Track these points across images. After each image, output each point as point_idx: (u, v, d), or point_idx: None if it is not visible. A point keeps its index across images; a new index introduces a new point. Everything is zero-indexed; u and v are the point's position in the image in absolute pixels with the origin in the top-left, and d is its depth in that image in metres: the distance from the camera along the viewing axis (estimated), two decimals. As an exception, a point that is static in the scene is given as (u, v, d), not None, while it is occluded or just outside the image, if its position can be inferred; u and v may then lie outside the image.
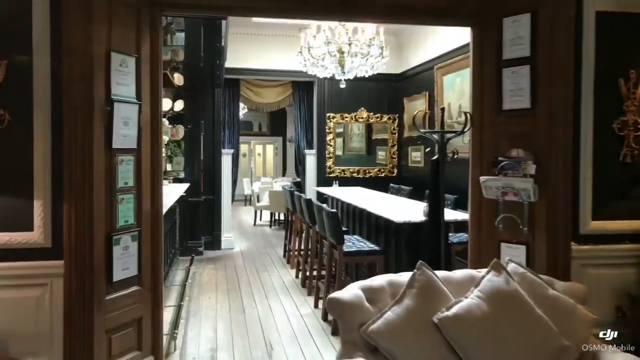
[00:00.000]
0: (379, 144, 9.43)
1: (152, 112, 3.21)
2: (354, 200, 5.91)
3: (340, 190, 7.41)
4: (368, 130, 9.39)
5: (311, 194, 8.64)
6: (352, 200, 5.93)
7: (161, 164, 3.30)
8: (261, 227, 10.93)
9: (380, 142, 9.37)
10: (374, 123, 8.95)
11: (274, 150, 17.69)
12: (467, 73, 6.31)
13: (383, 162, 9.28)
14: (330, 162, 8.65)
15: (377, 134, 9.42)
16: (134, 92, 3.05)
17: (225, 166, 8.32)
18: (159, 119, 3.27)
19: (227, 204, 8.33)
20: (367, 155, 9.58)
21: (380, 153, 9.50)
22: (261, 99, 8.78)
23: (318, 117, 8.59)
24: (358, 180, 8.67)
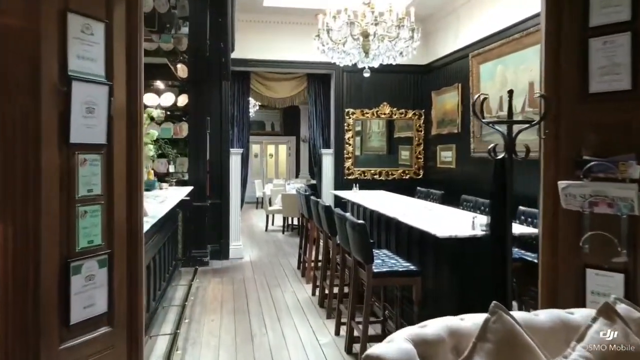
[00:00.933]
0: (401, 143, 8.61)
1: (129, 98, 2.44)
2: (380, 207, 5.11)
3: (361, 194, 6.60)
4: (389, 127, 8.58)
5: (328, 198, 7.85)
6: (378, 207, 5.12)
7: (141, 166, 2.52)
8: (273, 232, 10.17)
9: (403, 141, 8.55)
10: (397, 119, 8.13)
11: (287, 150, 16.94)
12: (510, 60, 5.49)
13: (407, 163, 8.45)
14: (349, 163, 7.85)
15: (399, 131, 8.61)
16: (103, 70, 2.28)
17: (234, 167, 7.57)
18: (138, 107, 2.49)
19: (235, 209, 7.57)
20: (387, 155, 8.77)
21: (404, 153, 8.68)
22: (273, 94, 8.02)
23: (336, 113, 7.80)
24: (380, 183, 7.86)
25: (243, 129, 7.84)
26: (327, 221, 4.82)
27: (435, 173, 7.67)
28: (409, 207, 5.16)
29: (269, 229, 10.41)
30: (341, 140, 7.81)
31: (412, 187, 7.66)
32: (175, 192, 5.72)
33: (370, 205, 5.35)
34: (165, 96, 7.28)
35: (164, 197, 5.15)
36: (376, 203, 5.51)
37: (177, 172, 7.25)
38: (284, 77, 8.07)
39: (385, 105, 7.91)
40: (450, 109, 7.10)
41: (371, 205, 5.34)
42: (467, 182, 6.50)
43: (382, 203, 5.53)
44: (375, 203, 5.52)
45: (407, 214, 4.43)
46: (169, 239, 5.41)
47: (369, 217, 5.87)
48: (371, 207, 5.14)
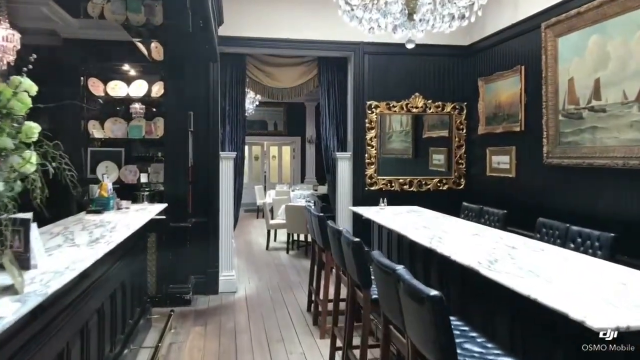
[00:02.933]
0: (433, 144, 6.94)
1: None
2: (430, 238, 3.44)
3: (390, 213, 4.95)
4: (415, 125, 6.90)
5: (345, 216, 6.19)
6: (426, 238, 3.45)
7: None
8: (275, 251, 8.50)
9: (435, 142, 6.88)
10: (431, 114, 6.45)
11: (291, 152, 15.28)
12: (616, 26, 3.77)
13: (440, 169, 6.78)
14: (372, 170, 6.19)
15: (430, 130, 6.94)
16: None
17: (225, 175, 5.92)
18: None
19: (227, 229, 5.92)
20: (413, 159, 7.10)
21: (437, 157, 7.00)
22: (275, 83, 6.38)
23: (355, 106, 6.14)
24: (410, 196, 6.19)
25: (237, 127, 6.19)
26: (357, 267, 3.16)
27: (483, 183, 5.99)
28: (473, 238, 3.48)
29: (270, 247, 8.75)
30: (361, 141, 6.15)
31: (453, 202, 5.98)
32: (137, 215, 4.06)
33: (414, 234, 3.68)
34: (136, 85, 5.63)
35: (114, 223, 3.51)
36: (419, 230, 3.85)
37: (151, 182, 5.61)
38: (288, 61, 6.42)
39: (417, 97, 6.25)
40: (506, 100, 5.42)
41: (414, 234, 3.67)
42: (537, 198, 4.82)
43: (428, 230, 3.86)
44: (418, 230, 3.85)
45: (483, 256, 2.76)
46: (124, 284, 3.76)
47: (407, 248, 4.22)
48: (424, 243, 3.46)
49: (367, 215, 4.84)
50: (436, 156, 7.06)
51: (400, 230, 3.91)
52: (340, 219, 6.20)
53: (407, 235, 3.68)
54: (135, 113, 5.58)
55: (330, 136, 6.41)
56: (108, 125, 5.52)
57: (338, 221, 6.23)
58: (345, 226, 6.18)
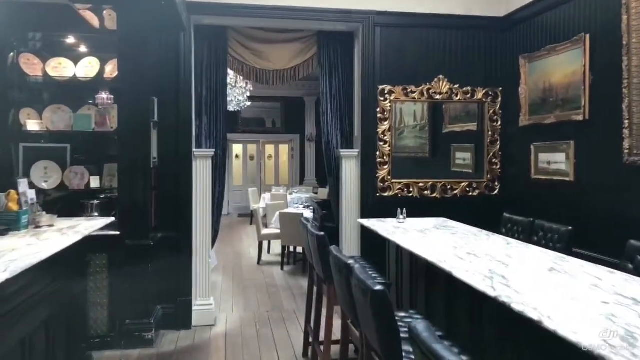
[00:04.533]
0: (457, 140, 5.72)
1: None
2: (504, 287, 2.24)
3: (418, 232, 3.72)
4: (433, 117, 5.68)
5: (351, 230, 4.96)
6: (499, 286, 2.24)
7: None
8: (268, 266, 7.28)
9: (459, 137, 5.65)
10: (458, 102, 5.23)
11: (289, 151, 14.05)
12: None
13: (466, 171, 5.55)
14: (385, 172, 4.95)
15: (453, 123, 5.71)
16: None
17: (201, 178, 4.71)
18: None
19: (202, 246, 4.71)
20: (431, 158, 5.88)
21: (461, 155, 5.77)
22: (265, 64, 5.16)
23: (363, 93, 4.91)
24: (432, 203, 4.98)
25: (217, 118, 4.96)
26: (379, 329, 1.94)
27: (526, 189, 4.75)
28: (554, 277, 2.25)
29: (263, 260, 7.52)
30: (371, 136, 4.92)
31: (487, 212, 4.79)
32: (54, 240, 2.83)
33: (461, 271, 2.46)
34: (85, 64, 4.41)
35: (17, 256, 2.28)
36: (466, 261, 2.63)
37: (104, 187, 4.39)
38: (280, 37, 5.19)
39: (441, 81, 5.01)
40: (561, 82, 4.20)
41: (462, 270, 2.45)
42: (614, 209, 3.58)
43: (478, 259, 2.64)
44: (464, 261, 2.63)
45: (601, 323, 1.55)
46: (47, 325, 2.56)
47: (443, 283, 3.02)
48: (471, 282, 2.24)
49: (384, 233, 3.61)
50: (460, 155, 5.82)
51: (437, 260, 2.67)
52: (346, 233, 4.97)
53: (451, 271, 2.44)
54: (102, 104, 4.34)
55: (332, 130, 5.17)
56: (47, 115, 4.30)
57: (343, 236, 5.00)
58: (352, 243, 4.95)
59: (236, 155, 13.84)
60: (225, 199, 13.37)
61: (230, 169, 13.48)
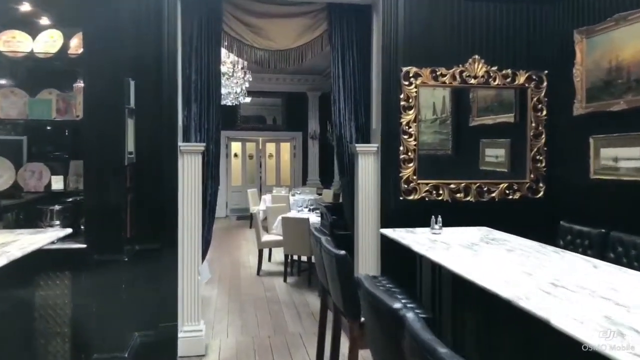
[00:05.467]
0: (487, 134, 4.90)
1: None
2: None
3: (464, 248, 2.91)
4: (456, 108, 4.86)
5: (369, 240, 4.15)
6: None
7: None
8: (269, 277, 6.47)
9: (490, 131, 4.83)
10: (496, 88, 4.42)
11: (291, 149, 13.23)
12: None
13: (500, 170, 4.73)
14: (410, 170, 4.13)
15: (482, 114, 4.90)
16: None
17: (189, 178, 3.91)
18: None
19: (191, 259, 3.91)
20: (454, 155, 5.06)
21: (493, 152, 4.95)
22: (266, 43, 4.35)
23: (385, 76, 4.09)
24: (465, 208, 4.17)
25: (210, 106, 4.15)
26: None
27: (583, 190, 3.94)
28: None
29: (263, 270, 6.71)
30: (393, 128, 4.11)
31: (532, 219, 4.00)
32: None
33: (565, 319, 1.65)
34: (45, 37, 3.59)
35: None
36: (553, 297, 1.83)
37: (69, 189, 3.57)
38: (284, 10, 4.38)
39: (476, 62, 4.20)
40: (635, 58, 3.38)
41: (563, 316, 1.64)
42: None
43: (573, 294, 1.84)
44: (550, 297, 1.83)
45: None
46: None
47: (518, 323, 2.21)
48: (588, 342, 1.43)
49: (420, 250, 2.80)
50: (492, 151, 4.99)
51: (516, 297, 1.86)
52: (362, 244, 4.16)
53: (552, 321, 1.63)
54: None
55: (345, 122, 4.36)
56: (-3, 100, 3.49)
57: (358, 247, 4.19)
58: (369, 257, 4.14)
59: (235, 154, 13.03)
60: (224, 200, 12.58)
61: (229, 169, 12.68)
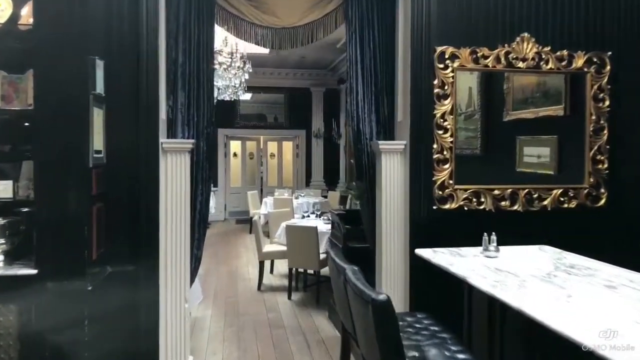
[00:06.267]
0: (525, 130, 4.11)
1: None
2: None
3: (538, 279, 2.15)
4: (486, 99, 4.09)
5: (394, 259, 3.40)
6: None
7: None
8: (272, 293, 5.72)
9: (530, 126, 4.06)
10: (550, 72, 3.66)
11: (293, 148, 12.48)
12: None
13: (543, 172, 3.97)
14: (445, 174, 3.38)
15: (519, 107, 4.12)
16: None
17: (174, 183, 3.18)
18: None
19: (175, 282, 3.16)
20: (483, 155, 4.29)
21: (533, 151, 4.16)
22: (269, 19, 3.61)
23: (414, 59, 3.34)
24: (513, 219, 3.41)
25: (200, 95, 3.40)
26: None
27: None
28: None
29: (264, 284, 5.96)
30: (425, 121, 3.35)
31: (593, 232, 3.25)
32: None
33: None
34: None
35: None
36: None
37: (18, 198, 2.82)
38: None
39: (526, 41, 3.45)
40: None
41: None
42: None
43: None
44: None
45: None
46: None
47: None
48: None
49: (481, 284, 2.04)
50: (532, 150, 4.21)
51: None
52: (386, 264, 3.41)
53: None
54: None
55: (364, 114, 3.61)
56: None
57: (382, 268, 3.43)
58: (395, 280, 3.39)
59: (234, 154, 12.28)
60: (222, 202, 11.83)
61: (227, 169, 11.94)
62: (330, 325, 4.60)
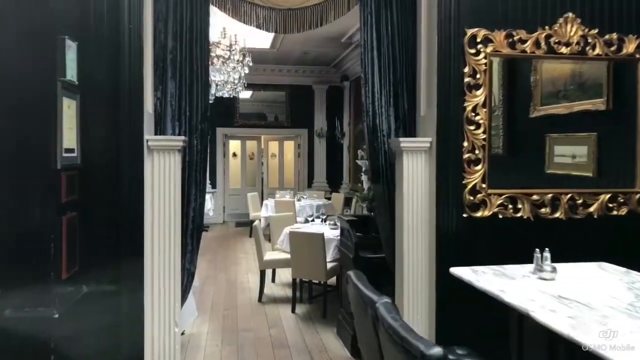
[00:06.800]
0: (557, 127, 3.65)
1: None
2: None
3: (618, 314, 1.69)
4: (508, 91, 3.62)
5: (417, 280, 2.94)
6: None
7: None
8: (274, 305, 5.26)
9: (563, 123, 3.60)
10: (597, 58, 3.20)
11: (295, 148, 12.02)
12: None
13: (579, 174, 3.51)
14: (477, 176, 2.92)
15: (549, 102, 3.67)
16: None
17: (162, 185, 2.70)
18: None
19: (162, 304, 2.69)
20: (506, 155, 3.83)
21: (566, 150, 3.70)
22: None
23: (441, 43, 2.88)
24: (553, 229, 2.95)
25: (194, 86, 2.95)
26: None
27: None
28: None
29: (265, 295, 5.50)
30: (454, 116, 2.90)
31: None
32: None
33: None
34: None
35: None
36: None
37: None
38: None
39: (570, 23, 2.99)
40: None
41: None
42: None
43: None
44: None
45: None
46: None
47: None
48: None
49: (544, 318, 1.59)
50: (565, 149, 3.75)
51: None
52: (408, 281, 2.95)
53: None
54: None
55: (380, 108, 3.16)
56: None
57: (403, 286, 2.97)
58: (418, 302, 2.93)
59: (233, 154, 11.82)
60: (221, 204, 11.36)
61: (226, 170, 11.48)
62: (338, 343, 4.15)
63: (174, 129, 2.90)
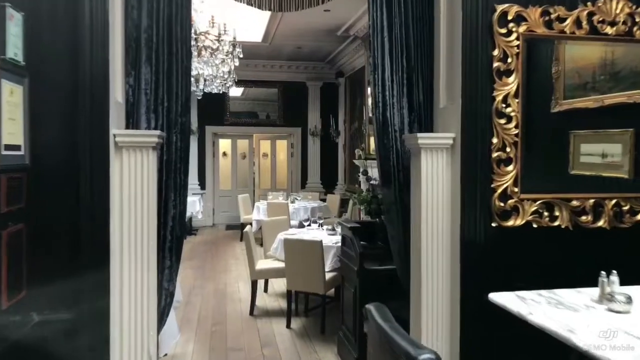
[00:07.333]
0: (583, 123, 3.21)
1: None
2: None
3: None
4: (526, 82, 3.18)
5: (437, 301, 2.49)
6: None
7: None
8: (267, 319, 4.79)
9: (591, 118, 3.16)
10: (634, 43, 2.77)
11: (288, 148, 11.56)
12: None
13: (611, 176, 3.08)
14: (509, 178, 2.48)
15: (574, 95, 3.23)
16: None
17: (132, 189, 2.21)
18: None
19: (135, 333, 2.21)
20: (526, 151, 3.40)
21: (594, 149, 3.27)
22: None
23: (466, 21, 2.44)
24: (594, 240, 2.52)
25: (173, 71, 2.49)
26: None
27: None
28: None
29: (257, 308, 5.03)
30: (482, 107, 2.46)
31: None
32: None
33: None
34: None
35: None
36: None
37: None
38: None
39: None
40: None
41: None
42: None
43: None
44: None
45: None
46: None
47: None
48: None
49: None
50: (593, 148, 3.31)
51: None
52: (428, 305, 2.50)
53: None
54: None
55: (392, 99, 2.72)
56: None
57: (421, 310, 2.52)
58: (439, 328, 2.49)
59: (223, 153, 11.33)
60: (210, 207, 10.86)
61: (216, 171, 10.98)
62: (340, 364, 3.71)
63: (150, 123, 2.44)
